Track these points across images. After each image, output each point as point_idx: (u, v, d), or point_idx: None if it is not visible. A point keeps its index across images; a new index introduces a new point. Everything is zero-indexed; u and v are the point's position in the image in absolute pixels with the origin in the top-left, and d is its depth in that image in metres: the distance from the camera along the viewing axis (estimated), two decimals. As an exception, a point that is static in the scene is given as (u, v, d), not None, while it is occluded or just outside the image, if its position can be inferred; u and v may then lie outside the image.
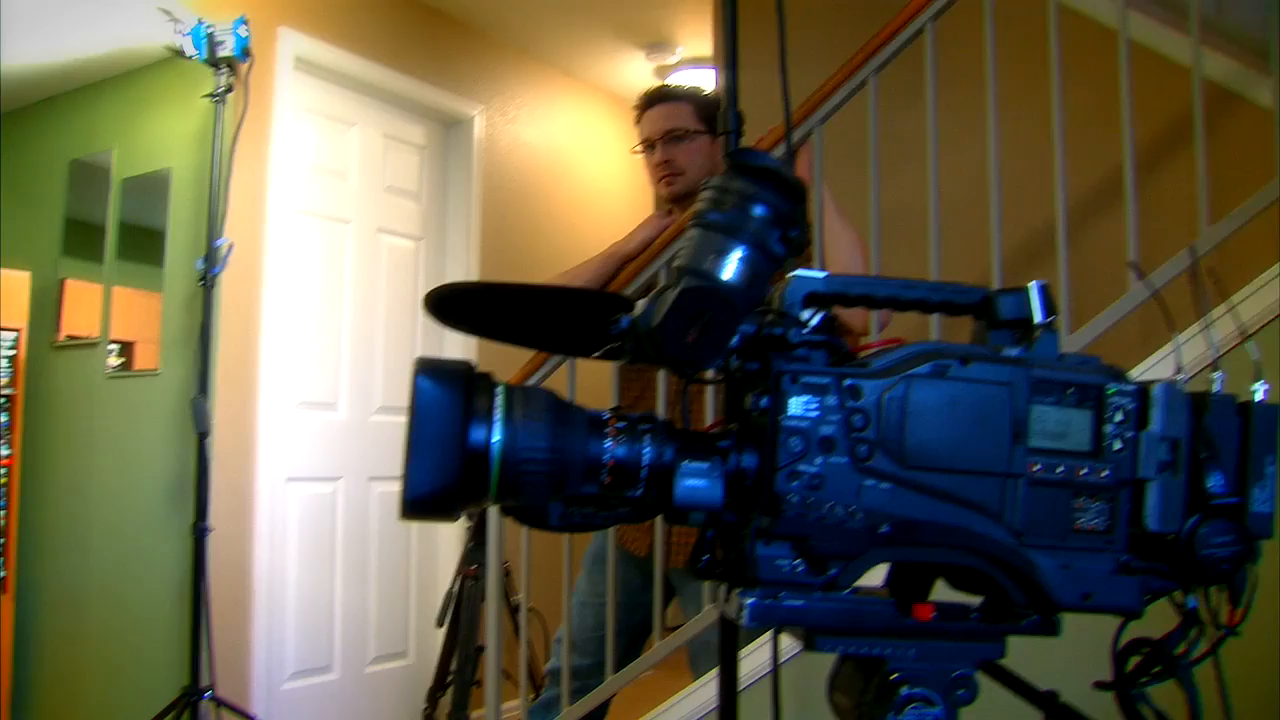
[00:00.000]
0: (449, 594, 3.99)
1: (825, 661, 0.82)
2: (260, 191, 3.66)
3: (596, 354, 0.84)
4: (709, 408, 2.50)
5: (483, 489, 0.73)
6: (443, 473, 0.72)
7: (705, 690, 2.46)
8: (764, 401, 0.75)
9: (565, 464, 0.74)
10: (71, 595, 4.01)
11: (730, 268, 0.74)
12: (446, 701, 4.04)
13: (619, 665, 2.59)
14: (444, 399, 0.72)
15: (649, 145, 2.75)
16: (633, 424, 0.76)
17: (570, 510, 0.78)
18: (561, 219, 4.84)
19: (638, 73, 4.98)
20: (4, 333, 4.05)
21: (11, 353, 4.05)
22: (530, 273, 4.46)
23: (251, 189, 3.63)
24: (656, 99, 2.76)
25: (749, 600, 0.74)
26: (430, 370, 0.73)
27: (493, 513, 2.82)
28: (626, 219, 4.96)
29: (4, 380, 4.03)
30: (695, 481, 0.75)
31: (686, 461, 0.75)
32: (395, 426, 4.21)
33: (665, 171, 2.73)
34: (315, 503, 3.91)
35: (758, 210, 0.75)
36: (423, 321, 4.33)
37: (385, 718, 4.15)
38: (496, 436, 0.72)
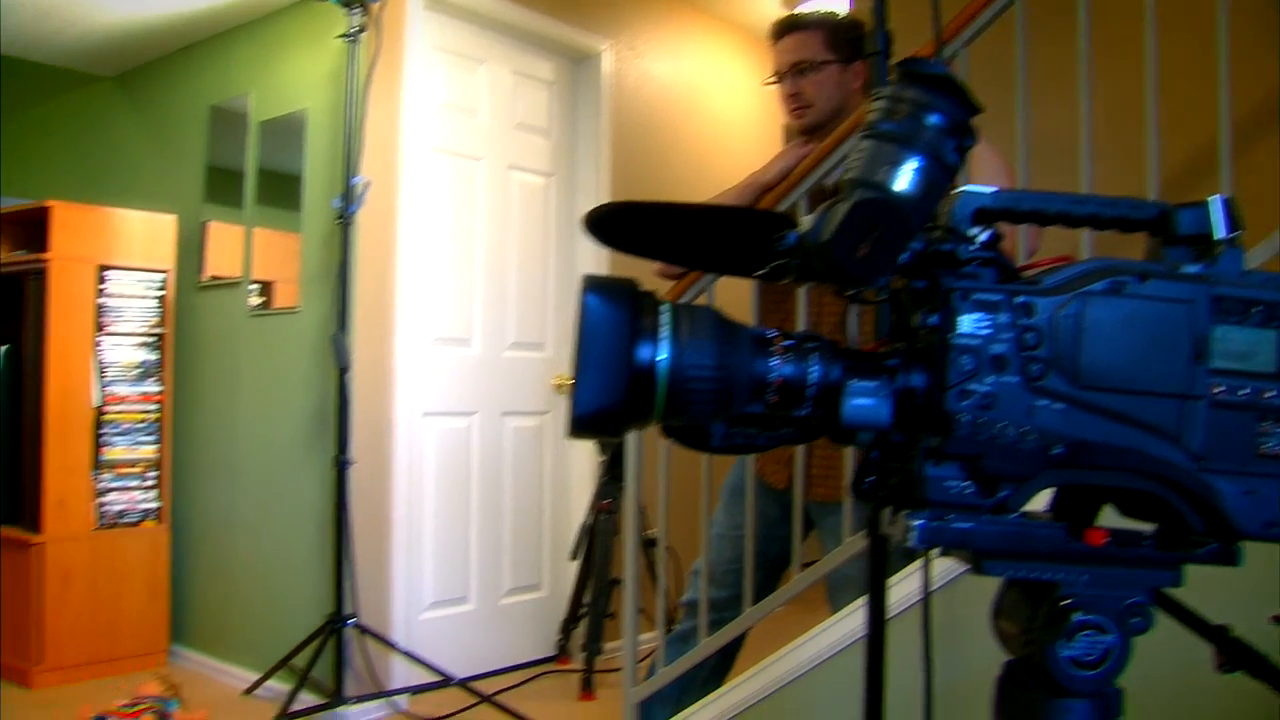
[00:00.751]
0: (583, 528, 4.05)
1: (971, 592, 0.80)
2: (394, 130, 3.70)
3: (759, 273, 0.82)
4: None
5: (648, 408, 0.72)
6: (610, 391, 0.71)
7: (845, 624, 2.45)
8: (933, 319, 0.73)
9: (731, 382, 0.73)
10: (221, 525, 4.17)
11: (904, 179, 0.72)
12: (579, 633, 4.12)
13: (756, 599, 2.60)
14: (612, 316, 0.71)
15: (778, 77, 2.70)
16: (799, 342, 0.75)
17: (733, 431, 0.78)
18: (690, 153, 4.80)
19: (767, 3, 4.89)
20: (153, 274, 4.20)
21: (160, 293, 4.20)
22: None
23: (385, 128, 3.68)
24: (785, 29, 2.70)
25: (917, 522, 0.73)
26: (598, 287, 0.72)
27: (630, 446, 2.83)
28: (755, 153, 4.91)
29: (154, 320, 4.18)
30: (863, 400, 0.73)
31: (854, 380, 0.74)
32: (528, 362, 4.26)
33: (795, 104, 2.68)
34: (451, 437, 3.98)
35: (932, 119, 0.72)
36: (554, 258, 4.35)
37: (519, 649, 4.24)
38: (663, 354, 0.71)
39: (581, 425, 0.72)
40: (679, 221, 0.91)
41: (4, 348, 4.10)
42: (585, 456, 4.28)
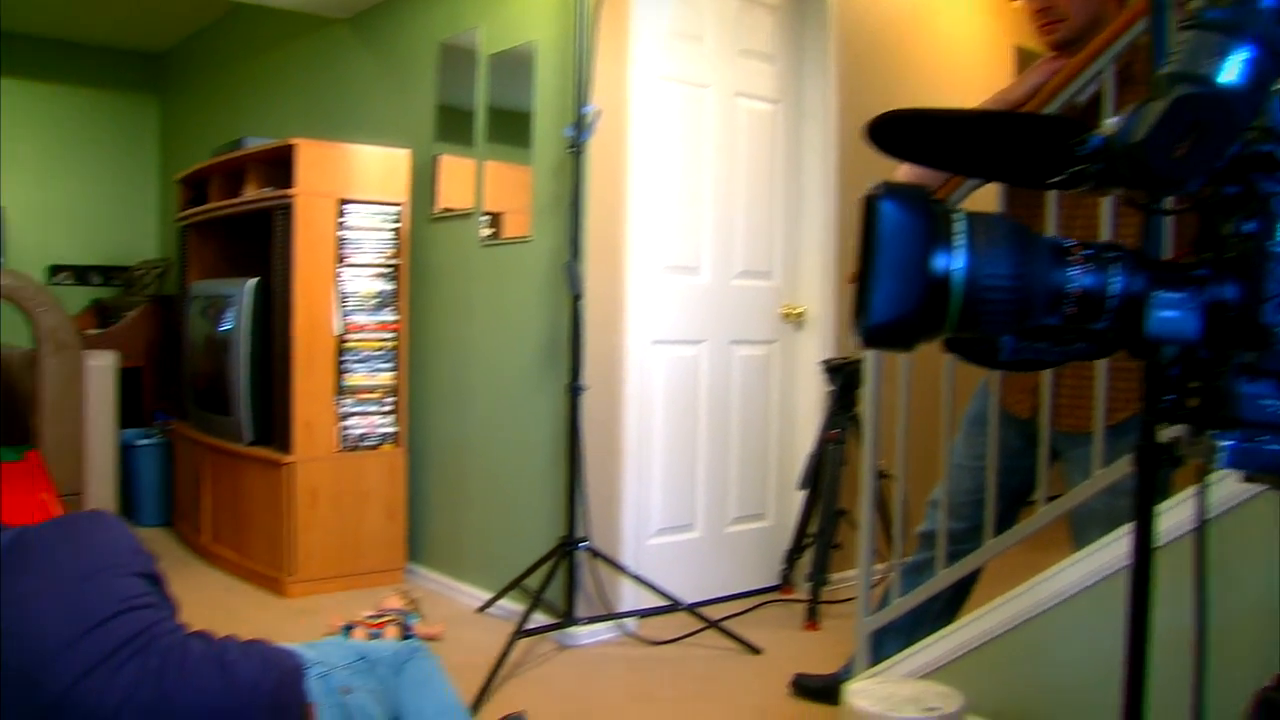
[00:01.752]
0: (810, 458, 4.02)
1: (1245, 523, 0.74)
2: (622, 59, 3.70)
3: (1052, 180, 0.78)
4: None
5: (941, 319, 0.68)
6: (904, 300, 0.68)
7: (1093, 559, 2.35)
8: (1249, 226, 0.66)
9: (1029, 293, 0.68)
10: (455, 449, 4.31)
11: (1231, 70, 0.65)
12: (804, 563, 4.11)
13: (996, 531, 2.52)
14: (908, 224, 0.68)
15: (1027, -10, 2.57)
16: (1099, 251, 0.70)
17: (1023, 345, 0.73)
18: (923, 77, 4.64)
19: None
20: (388, 207, 4.33)
21: (396, 225, 4.34)
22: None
23: (614, 57, 3.68)
24: None
25: (1227, 442, 0.67)
26: (894, 194, 0.69)
27: (870, 375, 2.78)
28: (988, 76, 4.73)
29: (390, 251, 4.32)
30: (1169, 313, 0.68)
31: (1160, 291, 0.68)
32: (756, 291, 4.23)
33: (1045, 19, 2.55)
34: (679, 365, 4.00)
35: (1267, 2, 0.65)
36: (781, 186, 4.29)
37: (742, 577, 4.25)
38: (959, 263, 0.67)
39: (875, 335, 0.69)
40: (966, 129, 0.87)
41: (254, 280, 4.32)
42: (812, 386, 4.24)
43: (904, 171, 2.58)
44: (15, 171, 6.81)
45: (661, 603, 3.69)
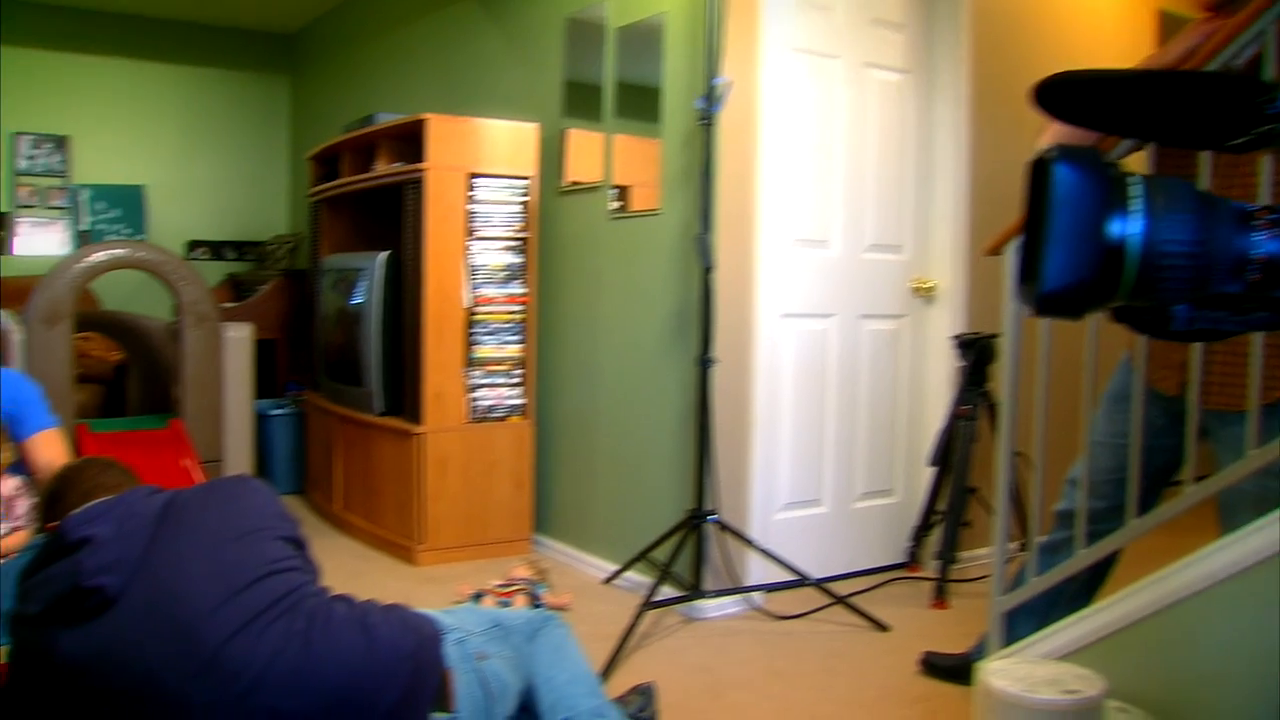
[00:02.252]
0: (941, 433, 3.95)
1: None
2: (752, 29, 3.66)
3: (1235, 142, 0.74)
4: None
5: (1114, 287, 0.65)
6: (1078, 267, 0.65)
7: (1246, 542, 2.27)
8: None
9: (1210, 259, 0.65)
10: (582, 421, 4.34)
11: None
12: (931, 541, 4.05)
13: (1138, 512, 2.44)
14: (1083, 188, 0.65)
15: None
16: None
17: (1198, 314, 0.70)
18: (1061, 43, 4.49)
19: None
20: (517, 180, 4.36)
21: (524, 198, 4.37)
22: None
23: (744, 27, 3.64)
24: None
25: None
26: (1068, 157, 0.66)
27: (1008, 347, 2.71)
28: (1132, 41, 4.58)
29: (519, 224, 4.36)
30: None
31: None
32: (886, 265, 4.17)
33: None
34: (809, 339, 3.96)
35: None
36: (912, 159, 4.21)
37: (868, 554, 4.21)
38: (1136, 228, 0.64)
39: (1046, 303, 0.66)
40: (1138, 91, 0.83)
41: (385, 254, 4.39)
42: (942, 361, 4.17)
43: (1053, 133, 2.51)
44: (156, 152, 7.05)
45: (788, 578, 3.67)
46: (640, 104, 4.00)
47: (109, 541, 2.07)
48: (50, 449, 3.61)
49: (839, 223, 4.02)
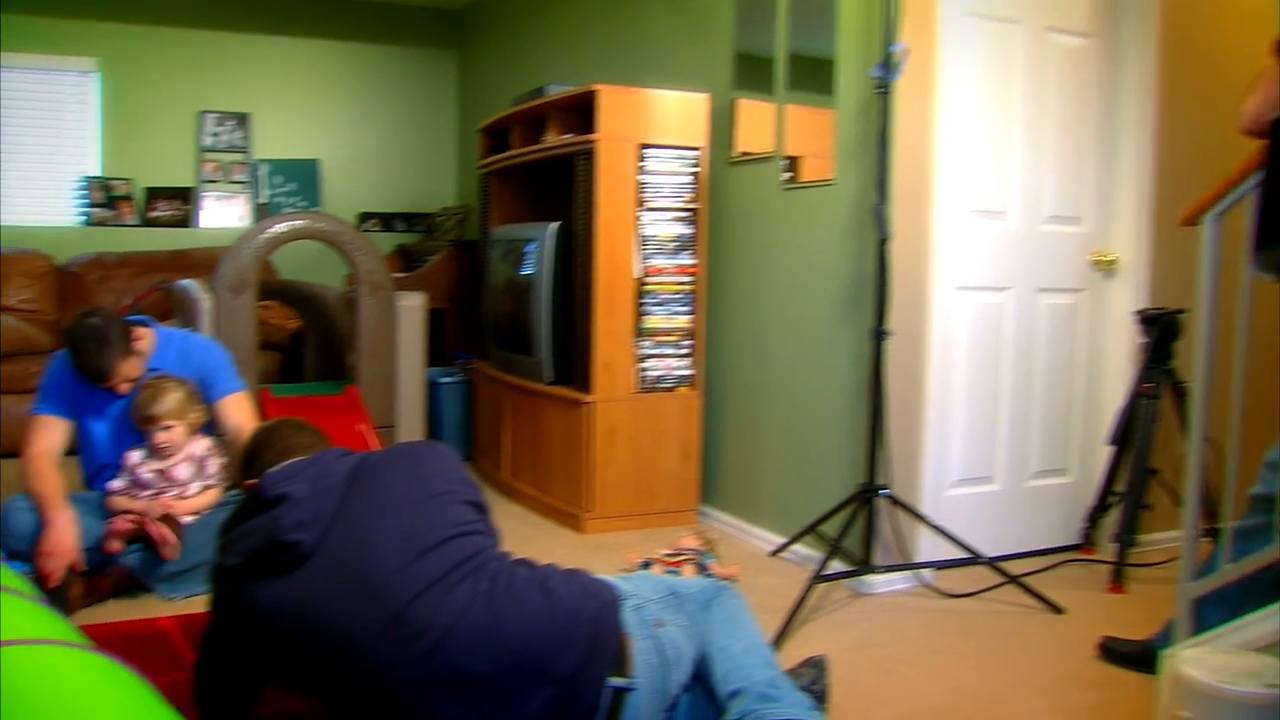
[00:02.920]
0: (1121, 412, 3.83)
1: None
2: (931, -7, 3.59)
3: None
4: None
5: None
6: None
7: None
8: None
9: None
10: (751, 392, 4.33)
11: None
12: (1108, 523, 3.93)
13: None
14: None
15: None
16: None
17: None
18: (1259, 2, 4.29)
19: None
20: (687, 151, 4.36)
21: (694, 169, 4.36)
22: (1223, 69, 4.02)
23: (922, -8, 3.57)
24: None
25: None
26: None
27: (1203, 323, 2.60)
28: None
29: (689, 195, 4.36)
30: None
31: None
32: (1065, 237, 4.04)
33: None
34: (984, 313, 3.87)
35: None
36: (1094, 127, 4.07)
37: (1041, 534, 4.11)
38: None
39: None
40: None
41: (556, 225, 4.44)
42: (1122, 337, 4.03)
43: (1260, 96, 2.40)
44: (330, 126, 7.29)
45: (959, 555, 3.61)
46: (813, 73, 3.95)
47: (304, 499, 2.16)
48: (238, 411, 3.77)
49: (1016, 193, 3.90)
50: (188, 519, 3.56)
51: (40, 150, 6.78)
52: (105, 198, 6.82)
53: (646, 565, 3.62)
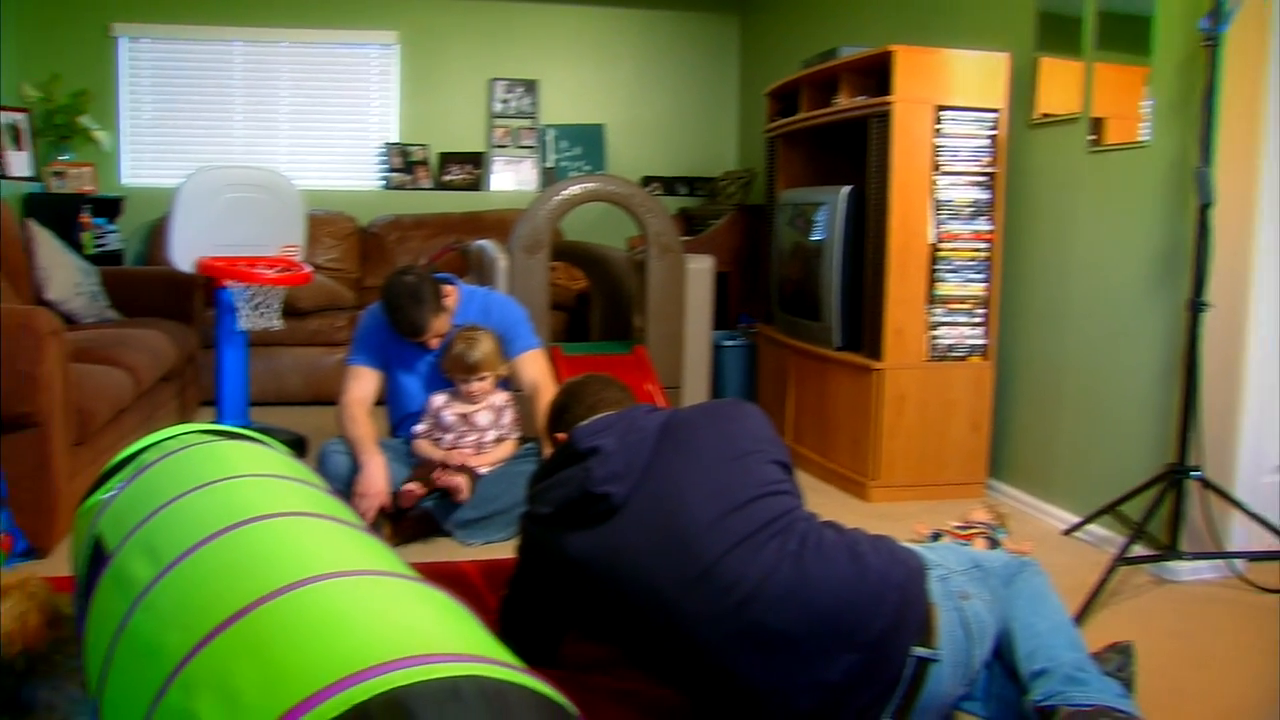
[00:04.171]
0: None
1: None
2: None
3: None
4: None
5: None
6: None
7: None
8: None
9: None
10: (1047, 364, 4.17)
11: None
12: None
13: None
14: None
15: None
16: None
17: None
18: None
19: None
20: (985, 113, 4.21)
21: (992, 132, 4.21)
22: None
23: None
24: None
25: None
26: None
27: None
28: None
29: (986, 159, 4.22)
30: None
31: None
32: None
33: None
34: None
35: None
36: None
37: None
38: None
39: None
40: None
41: (847, 189, 4.38)
42: None
43: None
44: (613, 92, 7.44)
45: (1276, 547, 3.36)
46: (1124, 29, 3.73)
47: (615, 453, 2.21)
48: (534, 367, 3.92)
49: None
50: (483, 469, 3.73)
51: (347, 119, 7.25)
52: (403, 163, 7.21)
53: (936, 537, 3.56)
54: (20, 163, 6.25)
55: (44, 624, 2.06)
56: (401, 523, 3.68)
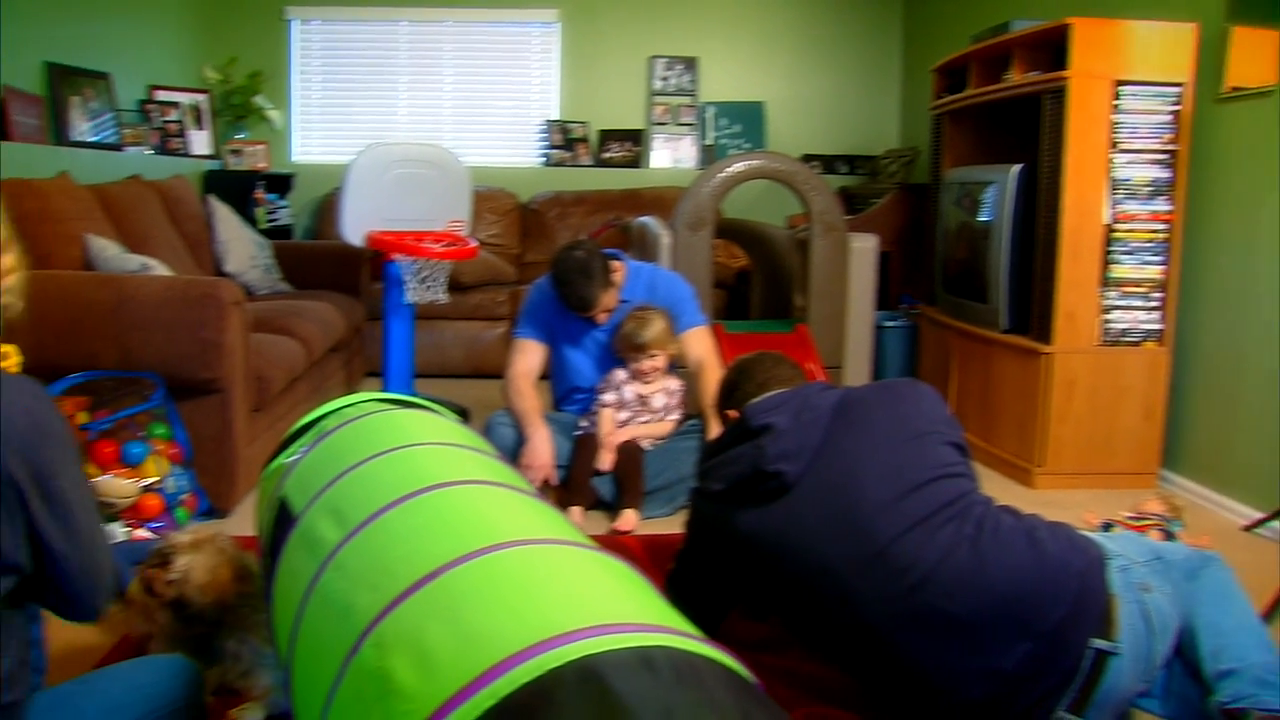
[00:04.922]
0: None
1: None
2: None
3: None
4: None
5: None
6: None
7: None
8: None
9: None
10: (1229, 352, 3.98)
11: None
12: None
13: None
14: None
15: None
16: None
17: None
18: None
19: None
20: (1167, 88, 4.04)
21: (1175, 107, 4.04)
22: None
23: None
24: None
25: None
26: None
27: None
28: None
29: (1168, 136, 4.05)
30: None
31: None
32: None
33: None
34: None
35: None
36: None
37: None
38: None
39: None
40: None
41: (1018, 167, 4.25)
42: None
43: None
44: (774, 69, 7.38)
45: None
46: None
47: (788, 431, 2.20)
48: (700, 344, 3.93)
49: None
50: (646, 444, 3.75)
51: (508, 96, 7.36)
52: (563, 139, 7.28)
53: (1107, 527, 3.44)
54: (201, 142, 6.53)
55: (233, 578, 2.15)
56: (565, 495, 3.73)
